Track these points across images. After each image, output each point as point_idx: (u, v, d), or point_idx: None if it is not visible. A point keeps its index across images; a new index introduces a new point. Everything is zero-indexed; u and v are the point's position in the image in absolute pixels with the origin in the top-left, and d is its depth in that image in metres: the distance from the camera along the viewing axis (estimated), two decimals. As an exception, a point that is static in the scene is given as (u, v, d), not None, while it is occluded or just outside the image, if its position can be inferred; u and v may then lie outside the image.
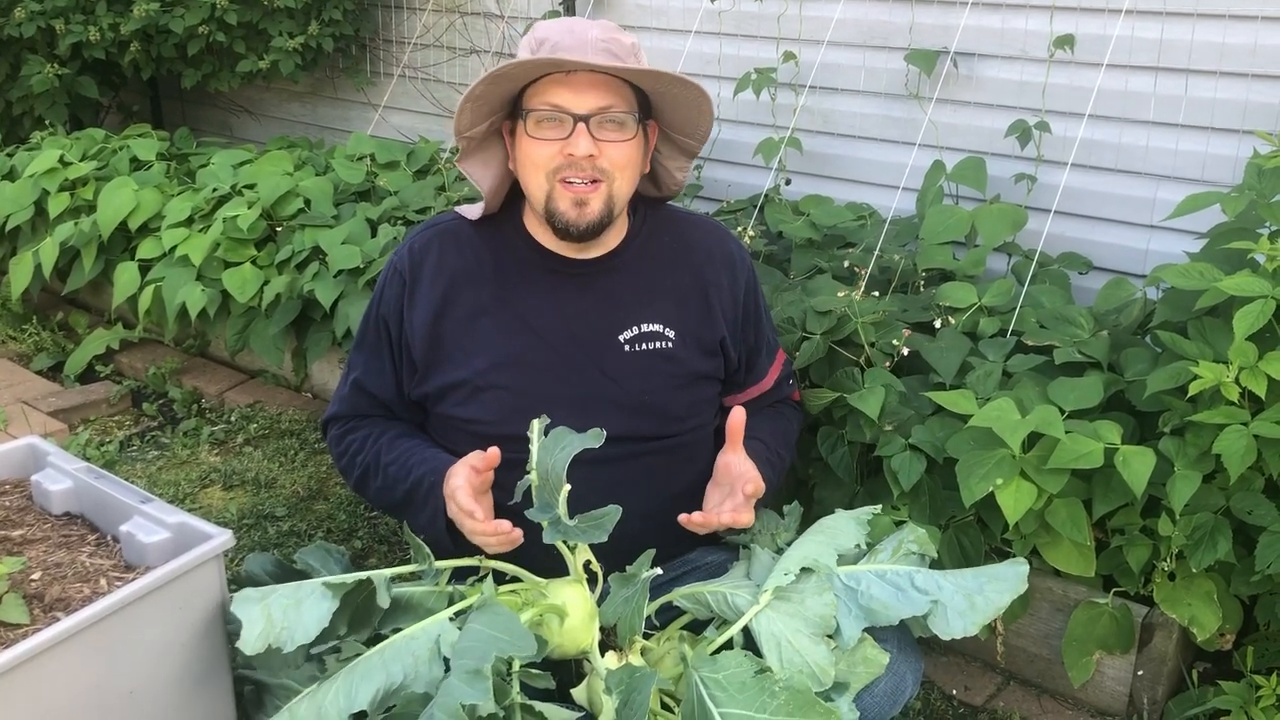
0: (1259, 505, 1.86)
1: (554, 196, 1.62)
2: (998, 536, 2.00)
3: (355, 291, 2.87)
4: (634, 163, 1.65)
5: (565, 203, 1.62)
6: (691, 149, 1.76)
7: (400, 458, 1.70)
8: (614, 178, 1.62)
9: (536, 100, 1.60)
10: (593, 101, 1.58)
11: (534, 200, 1.66)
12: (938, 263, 2.49)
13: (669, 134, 1.73)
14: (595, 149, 1.59)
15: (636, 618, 1.46)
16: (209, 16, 3.73)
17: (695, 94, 1.64)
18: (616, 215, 1.67)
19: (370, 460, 1.73)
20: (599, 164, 1.60)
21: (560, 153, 1.59)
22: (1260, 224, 2.07)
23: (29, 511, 1.63)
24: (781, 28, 3.05)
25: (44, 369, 3.50)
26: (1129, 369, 2.07)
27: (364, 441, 1.75)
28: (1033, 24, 2.70)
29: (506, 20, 3.70)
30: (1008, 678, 2.17)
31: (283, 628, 1.40)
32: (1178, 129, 2.56)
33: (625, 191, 1.66)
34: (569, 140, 1.58)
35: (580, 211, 1.62)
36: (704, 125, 1.71)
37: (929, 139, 2.82)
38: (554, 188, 1.62)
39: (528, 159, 1.62)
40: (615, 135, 1.60)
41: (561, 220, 1.63)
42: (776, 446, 1.82)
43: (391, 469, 1.70)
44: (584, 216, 1.62)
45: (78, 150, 3.64)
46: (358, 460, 1.75)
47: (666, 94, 1.64)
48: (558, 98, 1.58)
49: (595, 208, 1.62)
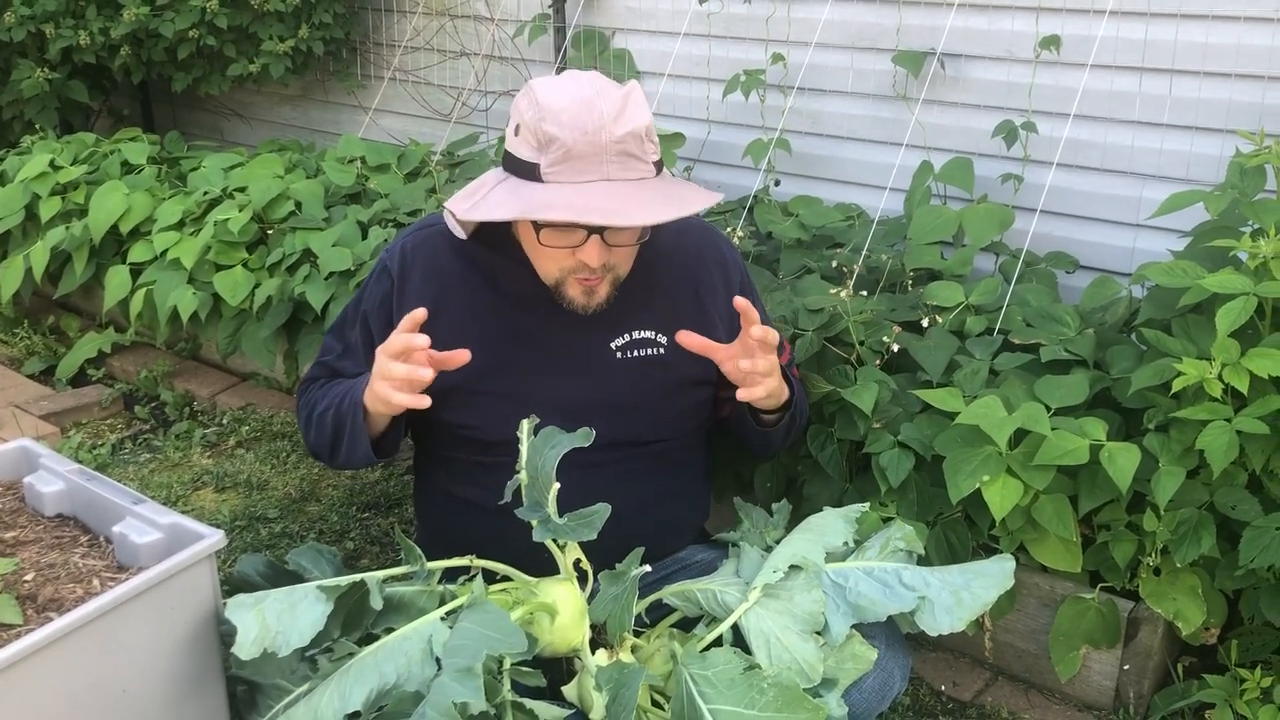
0: (1242, 500, 1.88)
1: (563, 286, 1.64)
2: (985, 533, 2.02)
3: (346, 294, 2.88)
4: (638, 247, 1.67)
5: (575, 290, 1.64)
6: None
7: (340, 389, 1.70)
8: (621, 266, 1.65)
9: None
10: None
11: (542, 277, 1.67)
12: (925, 262, 2.50)
13: None
14: (607, 255, 1.60)
15: (626, 615, 1.47)
16: (199, 20, 3.73)
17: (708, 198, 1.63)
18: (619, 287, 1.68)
19: (317, 397, 1.74)
20: (608, 263, 1.62)
21: (572, 256, 1.60)
22: (1243, 222, 2.09)
23: (21, 513, 1.64)
24: (770, 30, 3.07)
25: (35, 373, 3.50)
26: (1114, 366, 2.09)
27: (315, 392, 1.76)
28: (1019, 25, 2.72)
29: (496, 23, 3.71)
30: (996, 673, 2.19)
31: (277, 632, 1.40)
32: (1162, 128, 2.58)
33: (629, 269, 1.68)
34: (582, 249, 1.58)
35: (589, 299, 1.65)
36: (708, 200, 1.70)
37: (916, 139, 2.84)
38: (564, 280, 1.64)
39: (537, 254, 1.64)
40: (626, 239, 1.61)
41: (569, 304, 1.66)
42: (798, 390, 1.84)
43: (329, 398, 1.71)
44: (592, 301, 1.65)
45: (68, 154, 3.63)
46: (312, 409, 1.74)
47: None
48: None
49: (603, 293, 1.65)
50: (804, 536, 1.56)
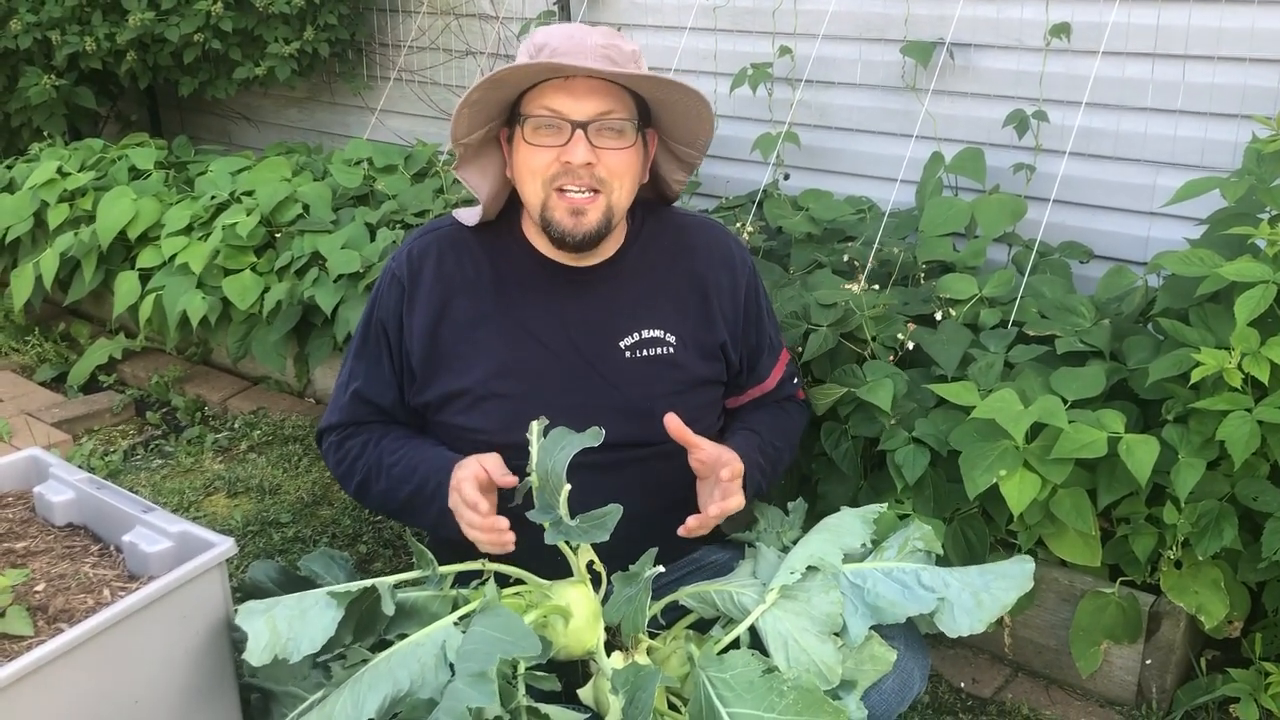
0: (1264, 491, 1.86)
1: (550, 205, 1.61)
2: (1002, 528, 2.00)
3: (355, 296, 2.87)
4: (633, 171, 1.63)
5: (561, 212, 1.60)
6: (692, 159, 1.76)
7: (404, 458, 1.69)
8: (612, 188, 1.61)
9: (534, 106, 1.59)
10: (591, 108, 1.57)
11: (531, 208, 1.65)
12: (938, 255, 2.48)
13: (669, 145, 1.73)
14: (593, 156, 1.57)
15: (640, 616, 1.46)
16: (204, 24, 3.73)
17: (695, 100, 1.62)
18: (614, 225, 1.65)
19: (372, 463, 1.72)
20: (597, 173, 1.58)
21: (557, 160, 1.58)
22: (1260, 209, 2.06)
23: (32, 523, 1.63)
24: (777, 22, 3.04)
25: (47, 380, 3.50)
26: (1131, 357, 2.06)
27: (364, 446, 1.74)
28: (1028, 13, 2.69)
29: (501, 21, 3.70)
30: (1016, 669, 2.17)
31: (288, 639, 1.40)
32: (1176, 115, 2.55)
33: (624, 202, 1.64)
34: (566, 147, 1.57)
35: (577, 221, 1.61)
36: (704, 134, 1.70)
37: (926, 131, 2.81)
38: (550, 196, 1.60)
39: (524, 166, 1.61)
40: (614, 143, 1.59)
41: (557, 230, 1.62)
42: (772, 438, 1.80)
43: (395, 470, 1.69)
44: (580, 226, 1.61)
45: (76, 161, 3.64)
46: (358, 465, 1.74)
47: (666, 101, 1.63)
48: (555, 103, 1.57)
49: (592, 218, 1.61)
50: (821, 537, 1.54)
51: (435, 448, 1.69)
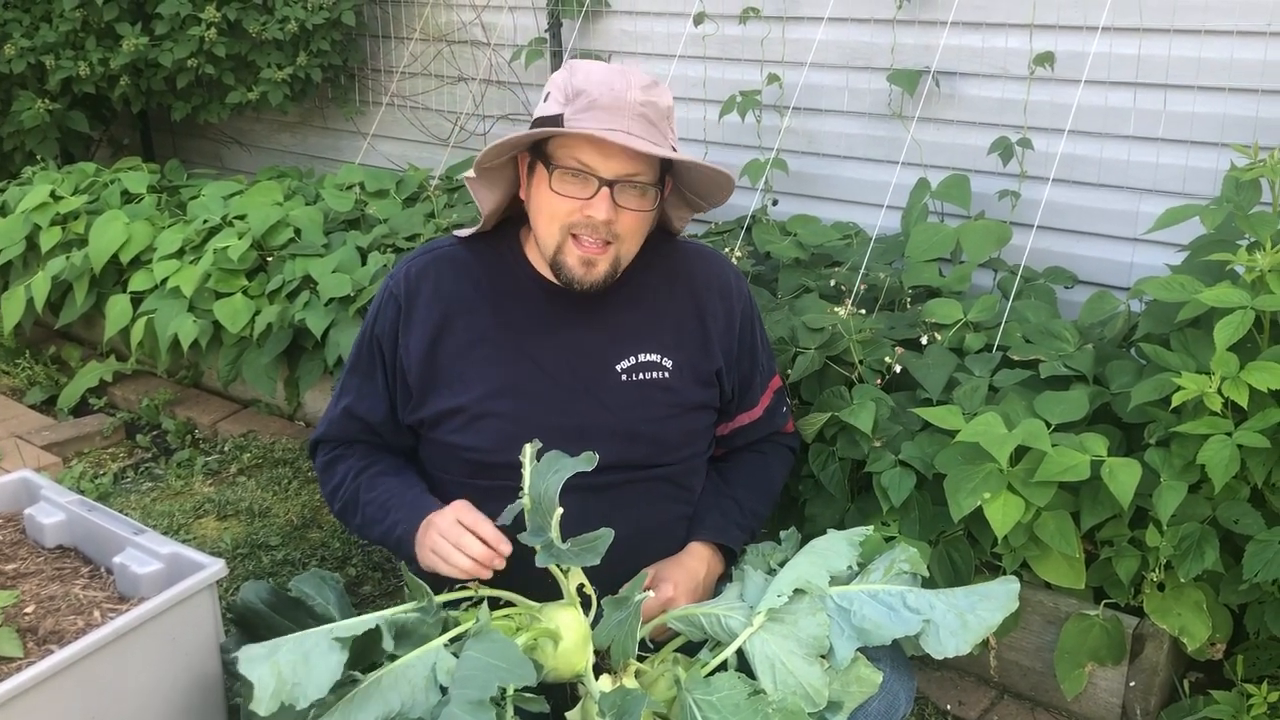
0: (1245, 514, 1.88)
1: (564, 250, 1.64)
2: (987, 550, 2.01)
3: (346, 320, 2.89)
4: (645, 227, 1.68)
5: (574, 259, 1.63)
6: (701, 208, 1.79)
7: (379, 498, 1.72)
8: (624, 241, 1.64)
9: (564, 155, 1.60)
10: (620, 167, 1.59)
11: (543, 245, 1.67)
12: (924, 280, 2.51)
13: (683, 192, 1.76)
14: (613, 214, 1.60)
15: (630, 640, 1.47)
16: (197, 49, 3.76)
17: (722, 178, 1.68)
18: (619, 273, 1.68)
19: (350, 497, 1.76)
20: (614, 228, 1.61)
21: (579, 210, 1.60)
22: (1239, 235, 2.10)
23: (22, 545, 1.64)
24: (765, 51, 3.08)
25: (37, 403, 3.50)
26: (1114, 381, 2.09)
27: (345, 476, 1.77)
28: (1013, 42, 2.73)
29: (493, 48, 3.73)
30: (1001, 691, 2.18)
31: (294, 684, 1.37)
32: (1158, 143, 2.59)
33: (631, 252, 1.68)
34: (591, 202, 1.59)
35: (587, 270, 1.64)
36: (721, 197, 1.74)
37: (913, 157, 2.85)
38: (566, 241, 1.63)
39: (545, 207, 1.63)
40: (635, 203, 1.62)
41: (567, 275, 1.65)
42: (753, 505, 1.84)
43: (369, 509, 1.72)
44: (589, 276, 1.64)
45: (69, 184, 3.65)
46: (339, 494, 1.78)
47: (693, 167, 1.67)
48: (587, 157, 1.58)
49: (601, 269, 1.64)
50: (808, 560, 1.56)
51: (411, 490, 1.72)
